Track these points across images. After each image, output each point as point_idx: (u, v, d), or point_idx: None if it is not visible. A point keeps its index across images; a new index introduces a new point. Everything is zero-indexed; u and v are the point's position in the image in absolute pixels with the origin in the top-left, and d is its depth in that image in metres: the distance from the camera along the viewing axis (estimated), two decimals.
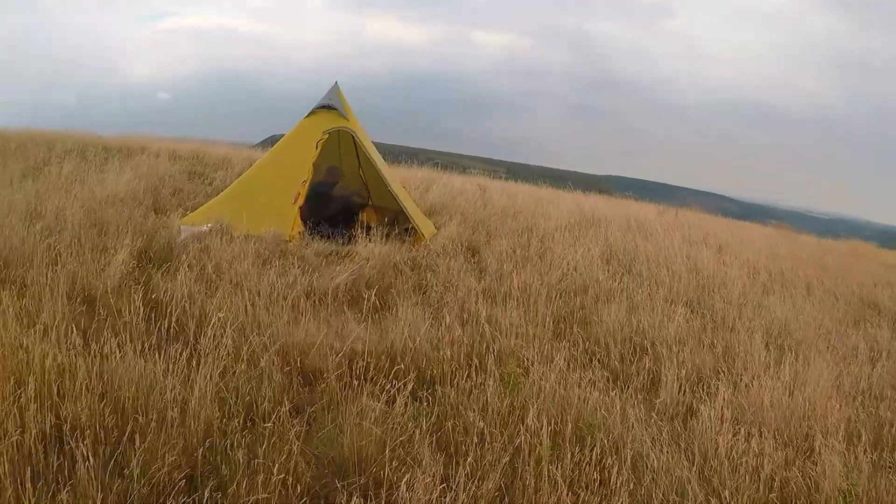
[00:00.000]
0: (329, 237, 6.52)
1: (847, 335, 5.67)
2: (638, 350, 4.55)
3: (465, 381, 3.19)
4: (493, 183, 16.24)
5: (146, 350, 3.05)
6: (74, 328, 3.25)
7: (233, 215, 6.49)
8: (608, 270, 6.48)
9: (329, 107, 7.14)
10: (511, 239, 7.40)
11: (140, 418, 2.47)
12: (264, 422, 2.59)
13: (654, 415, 3.60)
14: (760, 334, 5.12)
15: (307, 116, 7.25)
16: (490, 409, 2.91)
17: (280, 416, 2.60)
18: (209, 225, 6.21)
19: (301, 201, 6.50)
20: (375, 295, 4.29)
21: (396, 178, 8.05)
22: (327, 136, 6.93)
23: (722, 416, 3.46)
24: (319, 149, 6.81)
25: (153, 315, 3.64)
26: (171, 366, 2.88)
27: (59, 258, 4.35)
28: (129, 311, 3.46)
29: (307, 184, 6.59)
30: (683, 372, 4.14)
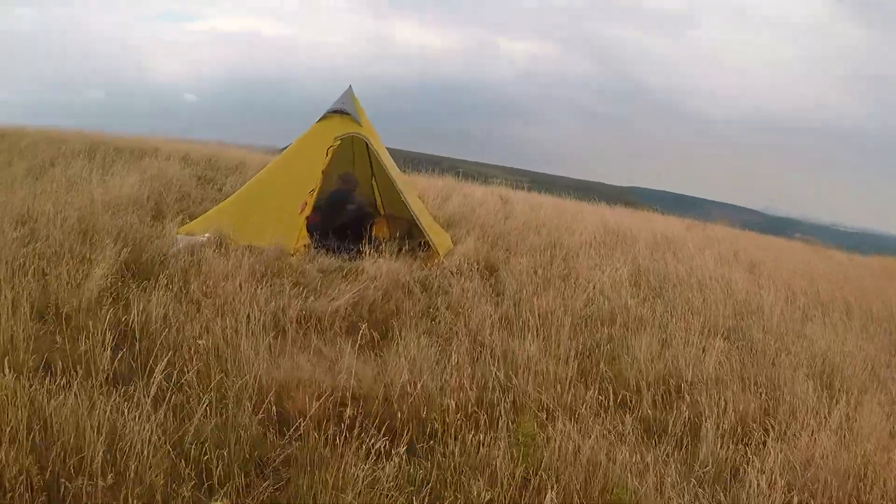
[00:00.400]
0: (336, 251, 6.07)
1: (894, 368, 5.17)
2: (673, 393, 4.01)
3: (473, 436, 2.68)
4: (516, 194, 15.70)
5: (102, 386, 2.61)
6: (30, 355, 2.84)
7: (236, 224, 6.09)
8: (637, 295, 5.92)
9: (342, 111, 6.71)
10: (532, 256, 6.88)
11: (69, 483, 2.02)
12: (220, 486, 2.12)
13: (692, 479, 3.06)
14: (804, 370, 4.65)
15: (319, 121, 6.84)
16: (500, 480, 2.40)
17: (238, 487, 2.12)
18: (206, 235, 5.82)
19: (308, 211, 6.07)
20: (379, 320, 3.82)
21: (413, 188, 7.58)
22: (339, 142, 6.50)
23: (772, 480, 2.96)
24: (330, 156, 6.38)
25: (122, 340, 3.21)
26: (124, 410, 2.44)
27: (33, 268, 3.97)
28: (93, 337, 3.03)
29: (315, 193, 6.17)
30: (725, 423, 3.62)
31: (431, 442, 2.76)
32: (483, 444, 2.64)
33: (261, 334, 3.33)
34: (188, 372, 2.70)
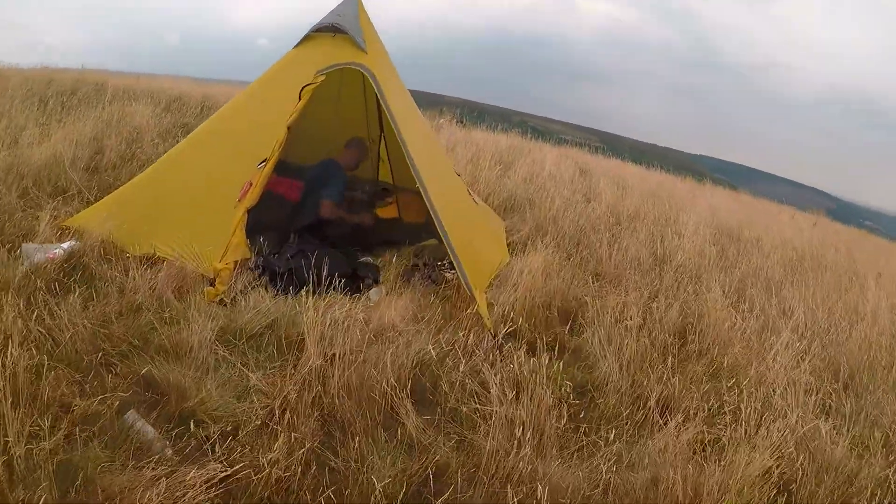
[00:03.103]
0: (288, 278, 3.37)
1: None
2: None
3: None
4: (594, 161, 12.59)
5: None
6: None
7: (144, 215, 3.62)
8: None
9: (336, 28, 3.98)
10: (636, 287, 4.09)
11: None
12: None
13: None
14: None
15: (297, 45, 4.16)
16: None
17: None
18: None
19: (252, 199, 3.45)
20: None
21: (445, 157, 4.76)
22: (322, 78, 3.79)
23: None
24: (304, 100, 3.70)
25: None
26: None
27: None
28: None
29: (269, 165, 3.53)
30: None
31: None
32: None
33: None
34: None
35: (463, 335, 2.93)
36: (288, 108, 3.68)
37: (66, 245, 3.27)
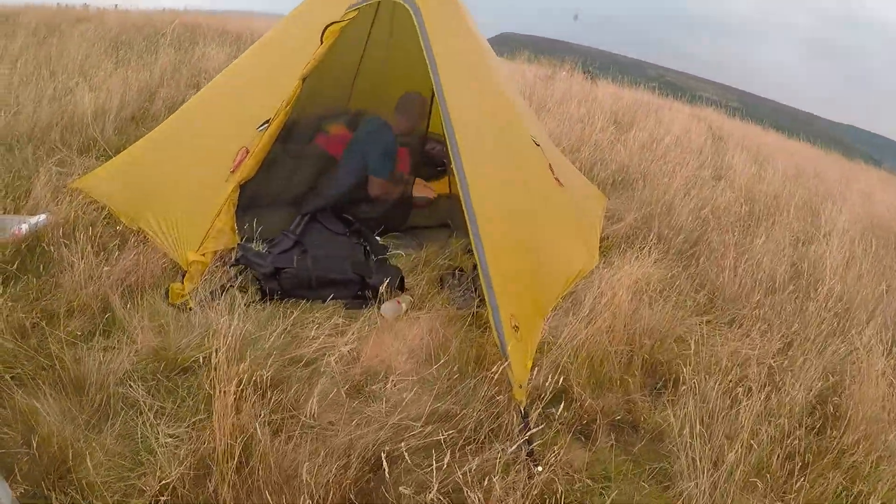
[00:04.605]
0: (272, 281, 2.58)
1: None
2: None
3: None
4: (730, 125, 10.60)
5: None
6: None
7: (144, 180, 3.04)
8: None
9: None
10: (766, 326, 2.90)
11: None
12: None
13: None
14: None
15: None
16: None
17: None
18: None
19: (247, 171, 2.69)
20: None
21: (521, 119, 3.63)
22: (354, 14, 2.89)
23: None
24: (326, 44, 2.84)
25: None
26: None
27: None
28: None
29: (272, 127, 2.73)
30: None
31: None
32: None
33: None
34: None
35: (486, 391, 2.01)
36: (308, 54, 2.84)
37: (34, 219, 2.75)
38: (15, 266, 2.40)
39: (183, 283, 2.44)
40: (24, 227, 2.68)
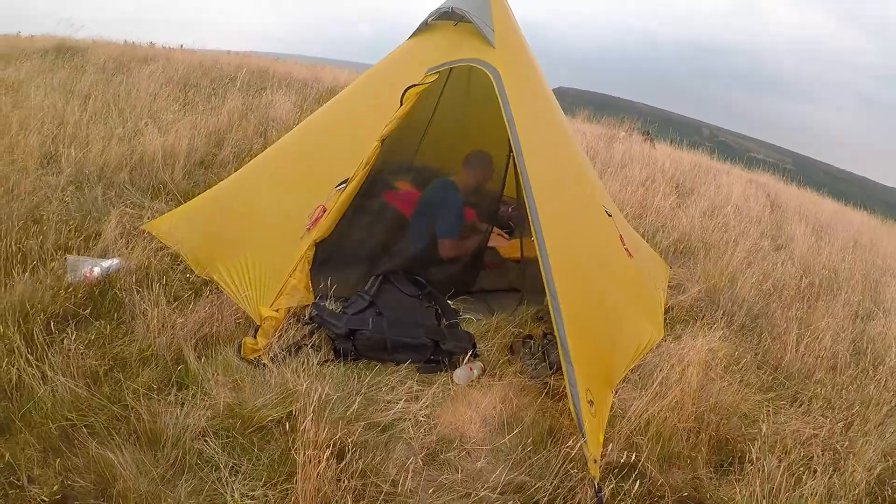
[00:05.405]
0: (346, 341, 2.52)
1: None
2: None
3: None
4: (786, 191, 10.34)
5: None
6: None
7: (215, 229, 3.08)
8: None
9: (456, 14, 3.09)
10: (827, 405, 2.76)
11: None
12: None
13: None
14: None
15: (412, 35, 3.35)
16: None
17: None
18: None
19: (323, 230, 2.68)
20: None
21: (593, 189, 3.57)
22: (434, 77, 2.92)
23: None
24: (406, 106, 2.86)
25: None
26: None
27: None
28: None
29: (350, 187, 2.73)
30: None
31: None
32: None
33: None
34: None
35: (561, 465, 1.92)
36: (386, 114, 2.87)
37: (107, 263, 2.77)
38: (88, 311, 2.41)
39: (256, 338, 2.41)
40: (97, 270, 2.70)
